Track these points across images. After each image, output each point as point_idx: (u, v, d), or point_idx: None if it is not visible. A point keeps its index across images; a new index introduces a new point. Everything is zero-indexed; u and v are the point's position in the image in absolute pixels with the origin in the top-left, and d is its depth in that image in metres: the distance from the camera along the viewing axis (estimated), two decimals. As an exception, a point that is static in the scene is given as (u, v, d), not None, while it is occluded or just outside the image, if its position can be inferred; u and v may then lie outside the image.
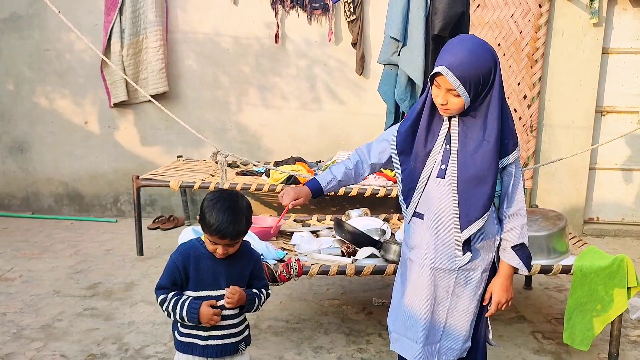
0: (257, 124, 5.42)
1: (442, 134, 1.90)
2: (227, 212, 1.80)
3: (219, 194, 1.87)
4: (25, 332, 3.11)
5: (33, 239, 4.81)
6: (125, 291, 3.71)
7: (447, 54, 1.80)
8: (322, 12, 5.19)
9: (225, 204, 1.82)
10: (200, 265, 1.90)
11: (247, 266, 1.97)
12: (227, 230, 1.80)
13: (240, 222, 1.83)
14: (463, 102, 1.80)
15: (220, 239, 1.82)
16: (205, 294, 1.89)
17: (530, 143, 5.17)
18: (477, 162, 1.83)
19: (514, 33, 5.01)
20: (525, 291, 3.86)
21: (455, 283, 1.97)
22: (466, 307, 2.00)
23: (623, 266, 2.69)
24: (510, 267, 1.98)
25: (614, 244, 5.08)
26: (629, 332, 3.25)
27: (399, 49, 3.14)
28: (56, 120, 5.46)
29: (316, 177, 2.19)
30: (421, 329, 1.99)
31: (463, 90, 1.77)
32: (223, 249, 1.85)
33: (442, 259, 1.95)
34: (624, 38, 5.10)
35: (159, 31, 5.12)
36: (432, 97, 1.87)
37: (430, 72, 1.90)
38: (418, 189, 1.96)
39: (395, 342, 2.09)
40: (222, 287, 1.90)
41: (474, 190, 1.85)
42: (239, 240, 1.89)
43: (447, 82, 1.77)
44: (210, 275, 1.90)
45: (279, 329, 3.21)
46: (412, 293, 2.02)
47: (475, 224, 1.88)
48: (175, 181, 4.14)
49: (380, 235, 3.22)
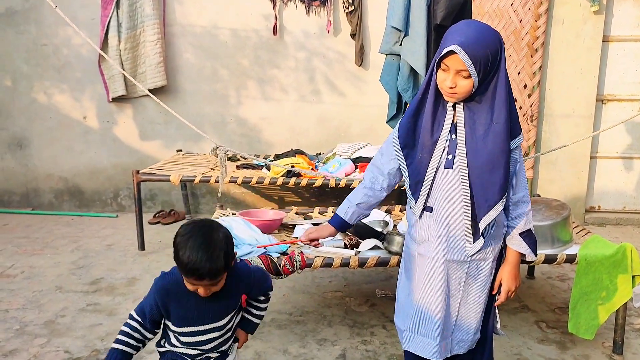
0: (257, 117, 5.40)
1: (448, 124, 1.86)
2: (200, 249, 1.58)
3: (191, 227, 1.64)
4: (29, 328, 3.11)
5: (34, 235, 4.80)
6: (127, 286, 3.70)
7: (455, 34, 1.75)
8: (320, 4, 5.15)
9: (198, 239, 1.59)
10: (182, 302, 1.71)
11: (237, 295, 1.81)
12: (203, 270, 1.58)
13: (218, 258, 1.60)
14: (471, 85, 1.76)
15: (197, 279, 1.61)
16: (190, 330, 1.74)
17: (531, 132, 5.15)
18: (488, 146, 1.80)
19: (513, 22, 4.98)
20: (528, 281, 3.86)
21: (467, 274, 1.95)
22: (477, 298, 1.98)
23: (627, 254, 2.68)
24: (518, 254, 1.96)
25: (616, 232, 5.08)
26: (633, 321, 3.25)
27: (400, 39, 3.11)
28: (55, 115, 5.43)
29: (336, 211, 2.12)
30: (437, 324, 1.95)
31: (474, 70, 1.72)
32: (204, 290, 1.65)
33: (454, 250, 1.92)
34: (625, 26, 5.08)
35: (156, 25, 5.08)
36: (438, 82, 1.81)
37: (433, 59, 1.87)
38: (426, 181, 1.91)
39: (409, 341, 2.02)
40: (207, 322, 1.74)
41: (488, 175, 1.81)
42: (221, 279, 1.67)
43: (458, 62, 1.73)
44: (194, 313, 1.73)
45: (283, 322, 3.20)
46: (424, 288, 1.97)
47: (495, 208, 1.83)
48: (175, 175, 4.12)
49: (383, 227, 3.21)
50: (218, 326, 1.78)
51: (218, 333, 1.79)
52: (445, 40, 1.78)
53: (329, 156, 4.68)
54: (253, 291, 1.89)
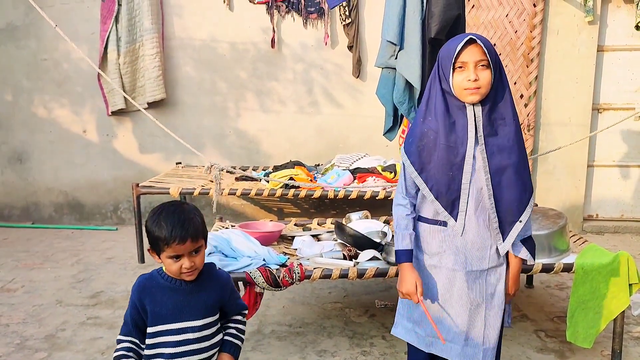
0: (256, 128, 5.43)
1: (472, 135, 1.85)
2: (175, 214, 1.65)
3: (158, 207, 1.71)
4: (29, 342, 3.11)
5: (34, 249, 4.81)
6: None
7: (459, 37, 1.82)
8: (317, 16, 5.21)
9: (169, 210, 1.67)
10: (157, 298, 1.71)
11: (212, 293, 1.77)
12: (185, 230, 1.62)
13: (193, 220, 1.66)
14: (490, 76, 1.80)
15: (180, 243, 1.62)
16: (164, 328, 1.70)
17: (528, 142, 5.18)
18: (509, 146, 1.86)
19: (509, 33, 5.03)
20: (527, 290, 3.87)
21: (487, 282, 1.99)
22: (499, 304, 2.02)
23: (624, 263, 2.70)
24: (520, 260, 2.02)
25: (614, 240, 5.09)
26: (631, 329, 3.25)
27: (395, 53, 3.15)
28: (55, 129, 5.47)
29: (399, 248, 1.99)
30: (459, 332, 1.98)
31: (490, 58, 1.78)
32: (189, 260, 1.65)
33: (473, 261, 1.95)
34: (619, 35, 5.13)
35: (155, 38, 5.13)
36: (457, 85, 1.81)
37: (427, 75, 1.93)
38: (463, 196, 1.89)
39: (433, 345, 2.03)
40: (182, 319, 1.71)
41: (515, 176, 1.87)
42: (201, 244, 1.69)
43: (476, 53, 1.77)
44: (169, 307, 1.71)
45: (283, 334, 3.21)
46: (443, 299, 1.99)
47: (527, 208, 1.91)
48: (175, 188, 4.15)
49: (382, 238, 3.23)
50: (193, 326, 1.72)
51: (192, 335, 1.72)
52: (448, 51, 1.83)
53: (327, 167, 4.70)
54: (226, 299, 1.82)
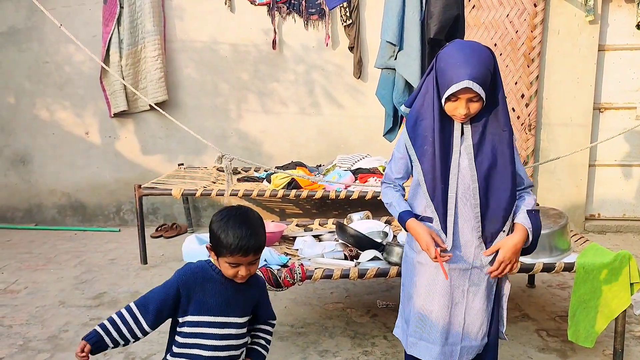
0: (257, 130, 5.44)
1: (457, 145, 1.91)
2: (243, 226, 1.68)
3: (226, 211, 1.74)
4: (32, 343, 3.13)
5: (37, 251, 4.83)
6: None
7: (461, 67, 1.78)
8: (318, 17, 5.22)
9: (238, 219, 1.70)
10: (207, 289, 1.76)
11: (254, 294, 1.86)
12: (250, 244, 1.67)
13: (260, 233, 1.72)
14: (482, 104, 1.85)
15: (243, 256, 1.68)
16: (208, 320, 1.75)
17: (529, 142, 5.18)
18: (497, 154, 1.89)
19: (509, 33, 5.03)
20: (529, 289, 3.87)
21: (470, 281, 1.99)
22: (482, 305, 2.02)
23: (625, 262, 2.70)
24: (525, 230, 1.93)
25: (616, 240, 5.09)
26: (633, 328, 3.26)
27: (395, 53, 3.16)
28: (57, 131, 5.49)
29: (400, 210, 2.01)
30: (440, 330, 1.99)
31: (483, 92, 1.80)
32: (246, 269, 1.72)
33: (456, 258, 1.95)
34: (620, 34, 5.12)
35: (157, 40, 5.15)
36: (449, 111, 1.87)
37: (425, 89, 1.97)
38: (450, 210, 1.92)
39: (413, 346, 2.06)
40: (227, 314, 1.77)
41: (500, 182, 1.90)
42: (259, 256, 1.76)
43: (470, 93, 1.80)
44: (217, 301, 1.76)
45: (284, 334, 3.22)
46: (426, 295, 2.01)
47: (510, 215, 1.93)
48: (177, 189, 4.16)
49: (383, 238, 3.24)
50: (235, 322, 1.79)
51: (234, 331, 1.78)
52: (446, 73, 1.82)
53: (329, 168, 4.71)
54: (261, 302, 1.89)
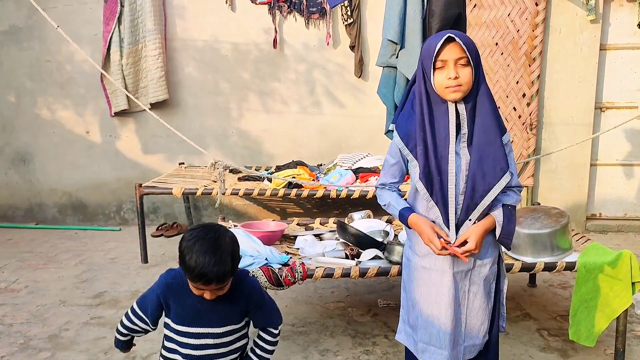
0: (258, 129, 5.44)
1: (452, 135, 1.86)
2: (208, 253, 1.56)
3: (197, 232, 1.62)
4: (33, 342, 3.13)
5: (38, 250, 4.83)
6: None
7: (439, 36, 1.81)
8: (319, 16, 5.21)
9: (205, 243, 1.58)
10: (181, 299, 1.72)
11: (237, 303, 1.76)
12: (211, 274, 1.56)
13: (225, 262, 1.58)
14: (471, 74, 1.80)
15: (204, 284, 1.60)
16: (183, 329, 1.73)
17: (531, 141, 5.17)
18: (488, 144, 1.85)
19: (511, 32, 5.03)
20: (530, 289, 3.86)
21: (470, 282, 1.98)
22: (483, 303, 2.01)
23: (627, 261, 2.69)
24: (493, 219, 1.91)
25: (617, 239, 5.08)
26: (634, 327, 3.25)
27: (396, 52, 3.16)
28: (58, 130, 5.49)
29: (400, 208, 2.02)
30: (448, 335, 1.97)
31: (469, 55, 1.78)
32: (211, 294, 1.64)
33: (460, 261, 1.93)
34: (621, 34, 5.12)
35: (157, 39, 5.15)
36: (438, 84, 1.81)
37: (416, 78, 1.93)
38: (451, 200, 1.89)
39: (423, 352, 2.04)
40: (202, 325, 1.72)
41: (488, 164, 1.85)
42: (227, 282, 1.65)
43: (455, 51, 1.77)
44: (190, 312, 1.72)
45: (285, 333, 3.22)
46: (434, 301, 1.98)
47: (494, 187, 1.85)
48: (177, 188, 4.16)
49: (384, 237, 3.23)
50: (212, 333, 1.75)
51: (212, 341, 1.75)
52: (430, 46, 1.82)
53: (329, 167, 4.71)
54: (251, 307, 1.80)
